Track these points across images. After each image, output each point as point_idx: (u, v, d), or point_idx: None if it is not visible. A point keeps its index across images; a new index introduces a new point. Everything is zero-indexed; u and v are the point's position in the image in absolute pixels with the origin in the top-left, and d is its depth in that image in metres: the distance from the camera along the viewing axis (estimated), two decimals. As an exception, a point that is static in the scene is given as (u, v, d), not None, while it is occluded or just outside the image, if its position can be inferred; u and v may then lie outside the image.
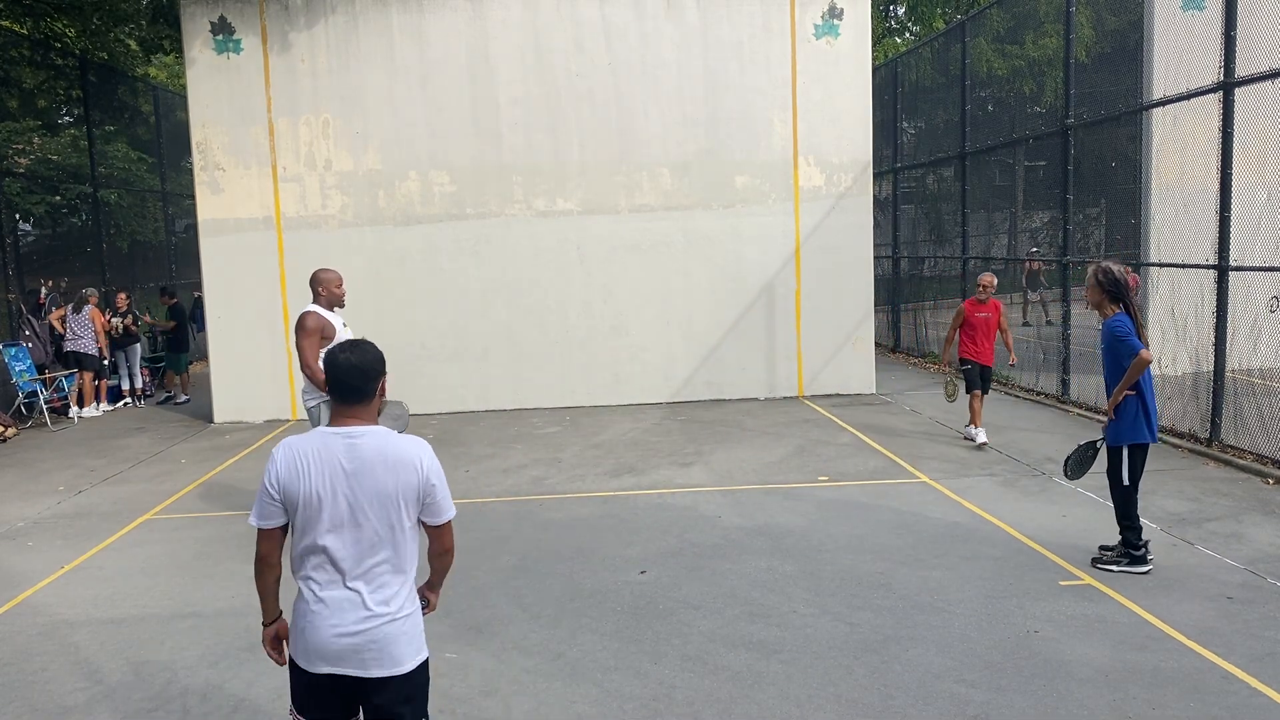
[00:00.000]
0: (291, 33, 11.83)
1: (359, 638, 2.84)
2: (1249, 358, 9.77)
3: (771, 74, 12.16)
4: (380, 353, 3.00)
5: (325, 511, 2.84)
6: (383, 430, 2.93)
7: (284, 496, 2.87)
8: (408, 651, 2.91)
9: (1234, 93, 8.47)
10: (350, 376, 2.91)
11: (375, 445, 2.88)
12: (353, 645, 2.84)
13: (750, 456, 9.25)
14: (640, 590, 5.81)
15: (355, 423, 2.91)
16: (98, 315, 13.09)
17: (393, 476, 2.86)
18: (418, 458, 2.92)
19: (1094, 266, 5.92)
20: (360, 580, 2.86)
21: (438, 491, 2.97)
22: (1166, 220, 11.01)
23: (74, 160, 16.98)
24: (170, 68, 23.71)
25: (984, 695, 4.37)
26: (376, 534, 2.87)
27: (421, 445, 2.97)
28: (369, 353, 2.96)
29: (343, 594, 2.86)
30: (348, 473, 2.84)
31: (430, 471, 2.94)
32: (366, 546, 2.86)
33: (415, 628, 2.96)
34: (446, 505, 3.04)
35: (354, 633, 2.84)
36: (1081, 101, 11.42)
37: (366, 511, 2.85)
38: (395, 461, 2.88)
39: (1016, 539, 6.52)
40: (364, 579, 2.87)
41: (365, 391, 2.93)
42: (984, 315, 9.39)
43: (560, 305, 12.32)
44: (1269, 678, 4.44)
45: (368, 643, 2.84)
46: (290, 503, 2.86)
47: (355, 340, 2.99)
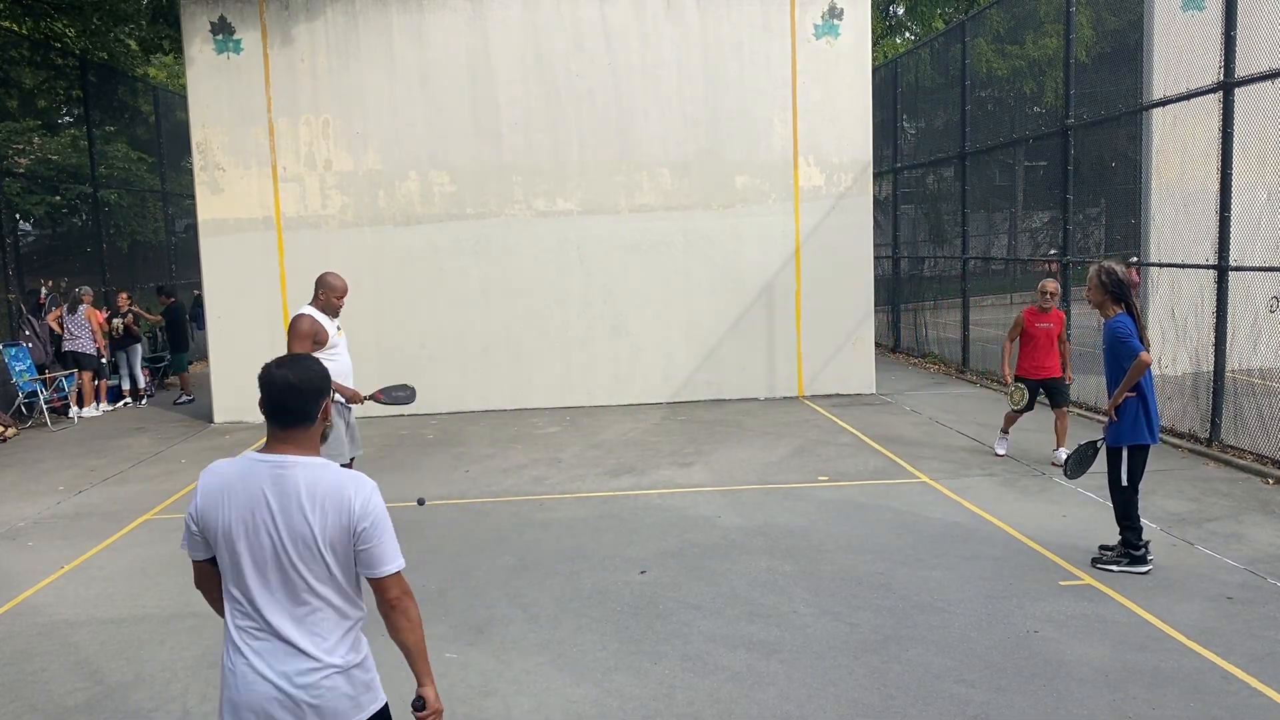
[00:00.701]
0: (291, 32, 11.84)
1: (292, 693, 2.45)
2: (1249, 358, 9.77)
3: (771, 74, 12.16)
4: (324, 371, 2.63)
5: (246, 551, 2.47)
6: (319, 462, 2.53)
7: (203, 529, 2.52)
8: (349, 709, 2.52)
9: (1234, 93, 8.47)
10: (286, 396, 2.52)
11: (306, 478, 2.48)
12: (283, 702, 2.45)
13: (750, 456, 9.25)
14: (640, 590, 5.81)
15: (289, 449, 2.52)
16: (93, 314, 13.08)
17: (318, 517, 2.46)
18: (352, 496, 2.49)
19: (1096, 266, 5.92)
20: (291, 627, 2.48)
21: (373, 537, 2.51)
22: (1166, 220, 11.01)
23: (74, 160, 16.98)
24: (170, 68, 23.71)
25: (984, 695, 4.36)
26: (304, 580, 2.47)
27: (360, 482, 2.54)
28: (310, 369, 2.59)
29: (278, 645, 2.47)
30: (272, 508, 2.46)
31: (364, 515, 2.49)
32: (295, 592, 2.48)
33: (361, 680, 2.57)
34: (388, 555, 2.55)
35: (286, 688, 2.45)
36: (1081, 101, 11.42)
37: (290, 553, 2.45)
38: (324, 497, 2.47)
39: (1016, 539, 6.52)
40: (295, 626, 2.48)
41: (304, 414, 2.53)
42: (1045, 326, 8.48)
43: (560, 305, 12.32)
44: (1269, 678, 4.44)
45: (303, 700, 2.45)
46: (210, 536, 2.51)
47: (294, 355, 2.63)
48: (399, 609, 2.57)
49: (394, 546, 2.58)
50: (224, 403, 12.13)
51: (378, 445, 10.23)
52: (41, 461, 10.17)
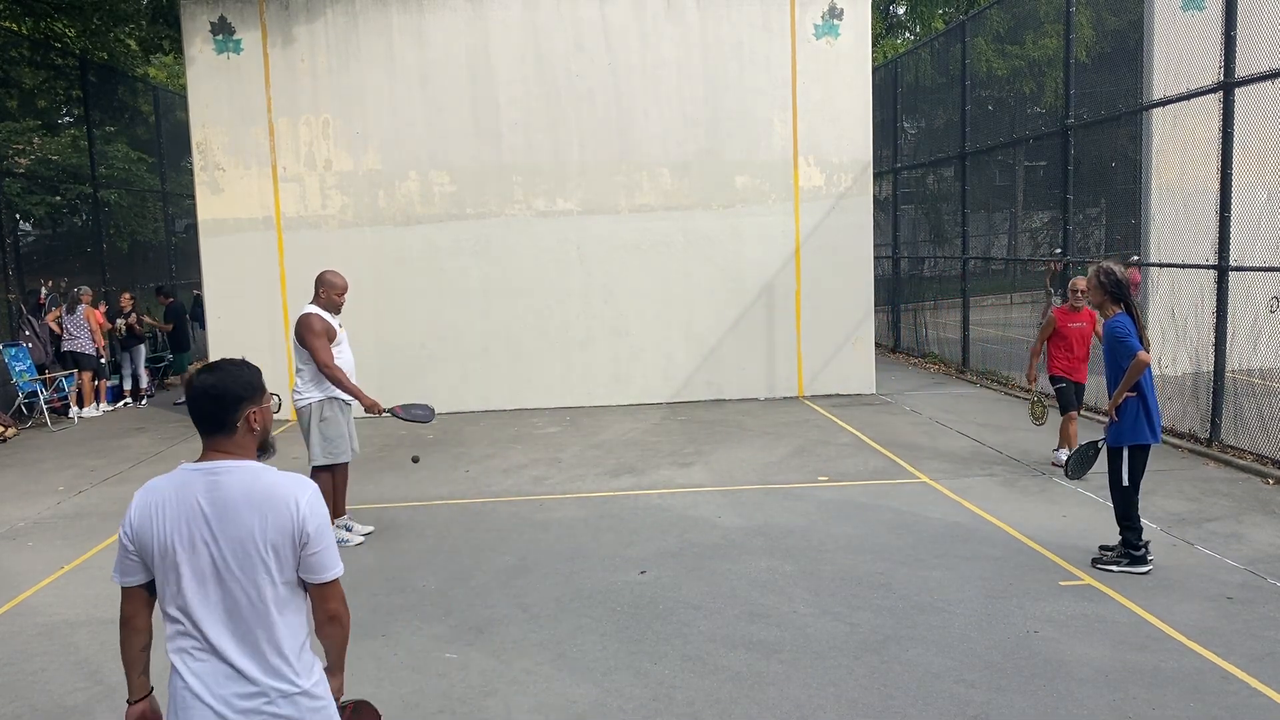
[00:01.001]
0: (291, 32, 11.83)
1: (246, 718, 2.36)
2: (1249, 358, 9.76)
3: (771, 74, 12.16)
4: (250, 376, 2.50)
5: (184, 565, 2.37)
6: (255, 466, 2.44)
7: (139, 548, 2.41)
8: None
9: (1234, 93, 8.47)
10: (203, 402, 2.42)
11: (242, 482, 2.39)
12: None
13: (750, 456, 9.25)
14: (640, 590, 5.81)
15: (221, 456, 2.43)
16: (91, 314, 13.08)
17: (258, 519, 2.36)
18: (293, 497, 2.40)
19: (1095, 267, 5.92)
20: (237, 649, 2.37)
21: (316, 542, 2.42)
22: (1166, 220, 11.01)
23: (74, 160, 16.98)
24: (170, 68, 23.71)
25: (984, 695, 4.36)
26: (246, 592, 2.37)
27: (301, 484, 2.45)
28: (229, 375, 2.46)
29: (218, 666, 2.38)
30: (208, 517, 2.36)
31: (309, 516, 2.41)
32: (238, 607, 2.37)
33: (310, 707, 2.43)
34: (329, 561, 2.45)
35: (226, 714, 2.35)
36: (1081, 101, 11.42)
37: (230, 564, 2.36)
38: (263, 500, 2.37)
39: (1016, 539, 6.52)
40: (237, 645, 2.38)
41: (221, 421, 2.42)
42: (1078, 325, 8.16)
43: (560, 305, 12.32)
44: (1269, 678, 4.44)
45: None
46: (146, 555, 2.40)
47: (225, 361, 2.52)
48: (336, 619, 2.50)
49: (336, 553, 2.48)
50: (224, 403, 12.10)
51: (377, 445, 10.23)
52: (41, 461, 10.17)
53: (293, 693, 2.40)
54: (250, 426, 2.46)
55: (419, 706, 4.45)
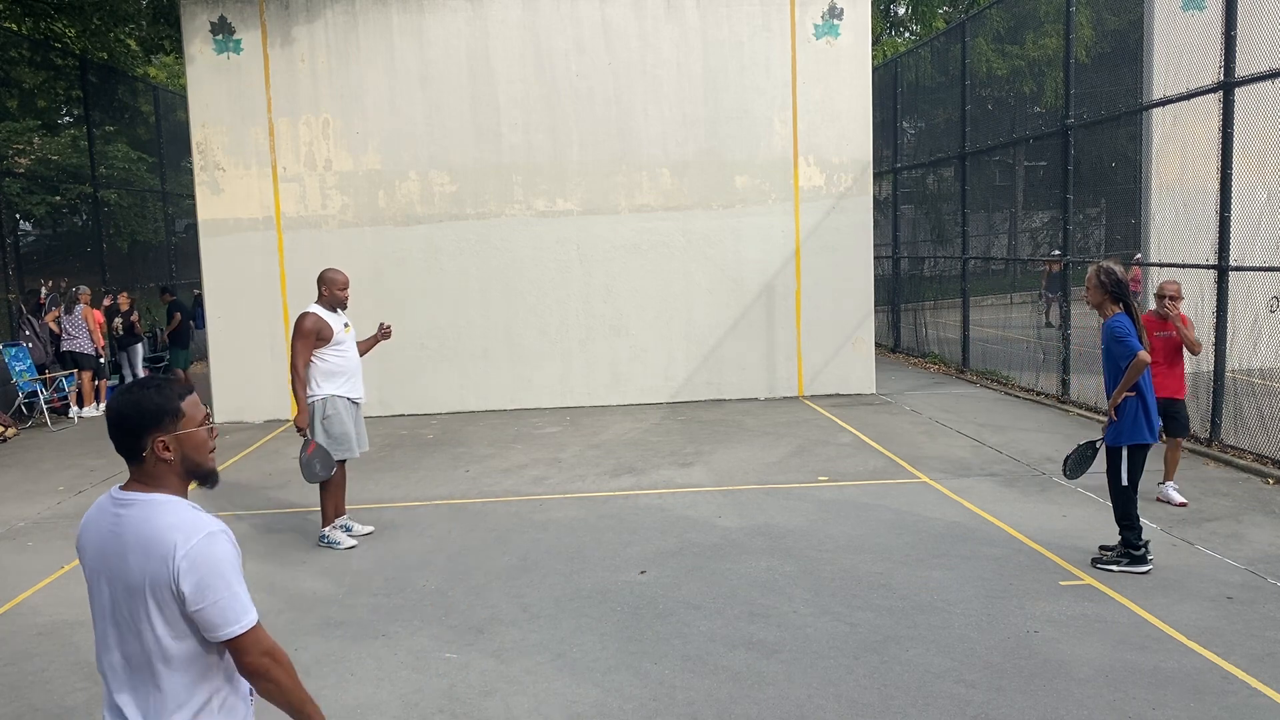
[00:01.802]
0: (291, 32, 11.84)
1: None
2: (1249, 358, 9.76)
3: (771, 74, 12.16)
4: (160, 400, 2.24)
5: (96, 599, 2.25)
6: (160, 500, 2.21)
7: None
8: None
9: (1234, 93, 8.47)
10: (109, 427, 2.25)
11: (136, 520, 2.18)
12: None
13: (750, 456, 9.25)
14: (640, 590, 5.81)
15: (136, 486, 2.24)
16: (90, 314, 13.08)
17: (140, 564, 2.15)
18: (172, 545, 2.12)
19: (1095, 267, 5.92)
20: (129, 699, 2.21)
21: (202, 597, 2.13)
22: (1166, 220, 11.01)
23: (74, 160, 16.98)
24: (170, 68, 23.71)
25: (984, 695, 4.36)
26: (135, 640, 2.18)
27: (190, 528, 2.16)
28: (134, 399, 2.24)
29: (113, 710, 2.24)
30: (107, 554, 2.21)
31: (186, 570, 2.12)
32: (130, 654, 2.20)
33: None
34: (226, 614, 2.16)
35: None
36: (1081, 101, 11.42)
37: (123, 608, 2.18)
38: (146, 545, 2.15)
39: (1016, 539, 6.52)
40: (132, 697, 2.22)
41: (126, 450, 2.24)
42: (1165, 335, 7.07)
43: (560, 305, 12.32)
44: (1269, 678, 4.44)
45: None
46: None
47: (144, 381, 2.30)
48: (261, 674, 2.23)
49: (237, 603, 2.17)
50: (224, 403, 12.13)
51: (377, 445, 10.23)
52: (41, 461, 10.17)
53: None
54: (159, 456, 2.22)
55: (419, 706, 4.45)
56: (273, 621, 5.48)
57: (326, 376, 6.68)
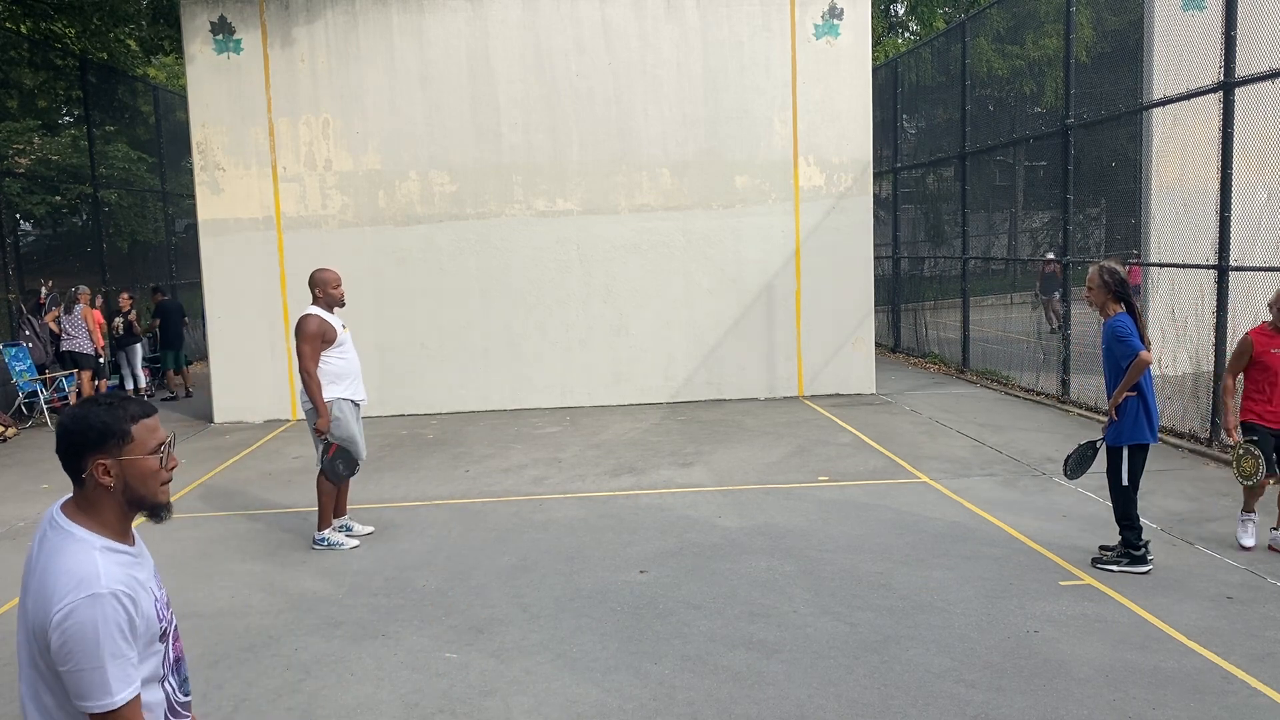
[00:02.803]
0: (291, 32, 11.84)
1: None
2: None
3: (771, 74, 12.16)
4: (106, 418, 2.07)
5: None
6: (77, 537, 2.02)
7: None
8: None
9: (1234, 93, 8.47)
10: (56, 442, 2.11)
11: (48, 552, 2.01)
12: None
13: (750, 456, 9.25)
14: (640, 590, 5.81)
15: (71, 510, 2.07)
16: (89, 313, 13.08)
17: (32, 605, 1.98)
18: (57, 599, 1.94)
19: (1096, 266, 5.90)
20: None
21: (66, 659, 1.93)
22: (1166, 220, 11.01)
23: (74, 160, 16.99)
24: (170, 68, 23.72)
25: (984, 695, 4.36)
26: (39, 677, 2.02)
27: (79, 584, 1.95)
28: (80, 416, 2.08)
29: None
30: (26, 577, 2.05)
31: (59, 626, 1.92)
32: (32, 693, 2.03)
33: None
34: (84, 688, 1.95)
35: None
36: (1081, 101, 11.42)
37: (21, 640, 2.03)
38: (40, 584, 1.97)
39: (1016, 539, 6.52)
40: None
41: (68, 469, 2.07)
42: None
43: (560, 305, 12.32)
44: (1269, 678, 4.44)
45: None
46: None
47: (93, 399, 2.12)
48: None
49: (96, 681, 1.94)
50: (224, 403, 12.13)
51: (378, 445, 10.23)
52: (41, 461, 10.17)
53: None
54: (98, 480, 2.05)
55: (419, 706, 4.45)
56: (273, 622, 5.48)
57: (330, 379, 6.66)
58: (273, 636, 5.26)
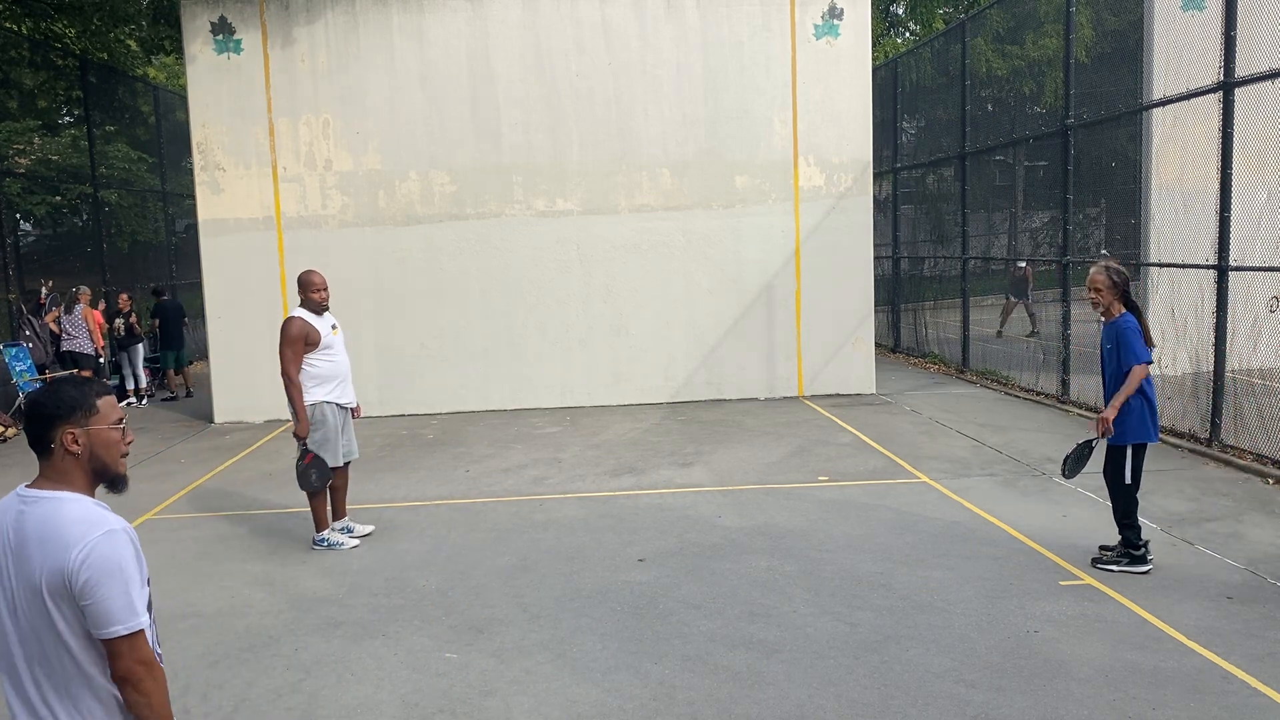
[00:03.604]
0: (292, 32, 11.84)
1: None
2: (1249, 358, 9.76)
3: (771, 74, 12.16)
4: (73, 393, 2.29)
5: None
6: (63, 498, 2.23)
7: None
8: None
9: (1234, 93, 8.47)
10: (25, 420, 2.32)
11: (40, 515, 2.19)
12: None
13: (750, 456, 9.25)
14: (640, 590, 5.81)
15: (43, 483, 2.27)
16: (89, 314, 13.07)
17: (40, 559, 2.15)
18: (74, 540, 2.14)
19: (1100, 266, 5.86)
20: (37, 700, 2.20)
21: (92, 592, 2.12)
22: (1166, 220, 11.01)
23: (74, 160, 16.99)
24: (170, 68, 23.73)
25: (984, 695, 4.36)
26: (38, 638, 2.17)
27: (91, 523, 2.18)
28: (48, 392, 2.30)
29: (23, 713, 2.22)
30: (10, 548, 2.20)
31: (83, 563, 2.12)
32: (27, 652, 2.19)
33: None
34: (112, 613, 2.14)
35: None
36: (1081, 101, 11.42)
37: (22, 603, 2.17)
38: (48, 539, 2.15)
39: (1016, 539, 6.52)
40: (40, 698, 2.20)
41: (36, 441, 2.28)
42: None
43: (560, 305, 12.32)
44: (1269, 678, 4.44)
45: None
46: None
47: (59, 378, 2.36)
48: (130, 682, 2.19)
49: (124, 605, 2.15)
50: (224, 403, 12.13)
51: (378, 445, 10.23)
52: (41, 461, 10.16)
53: None
54: (67, 449, 2.26)
55: (419, 706, 4.45)
56: (273, 622, 5.48)
57: (315, 382, 6.63)
58: (273, 636, 5.26)
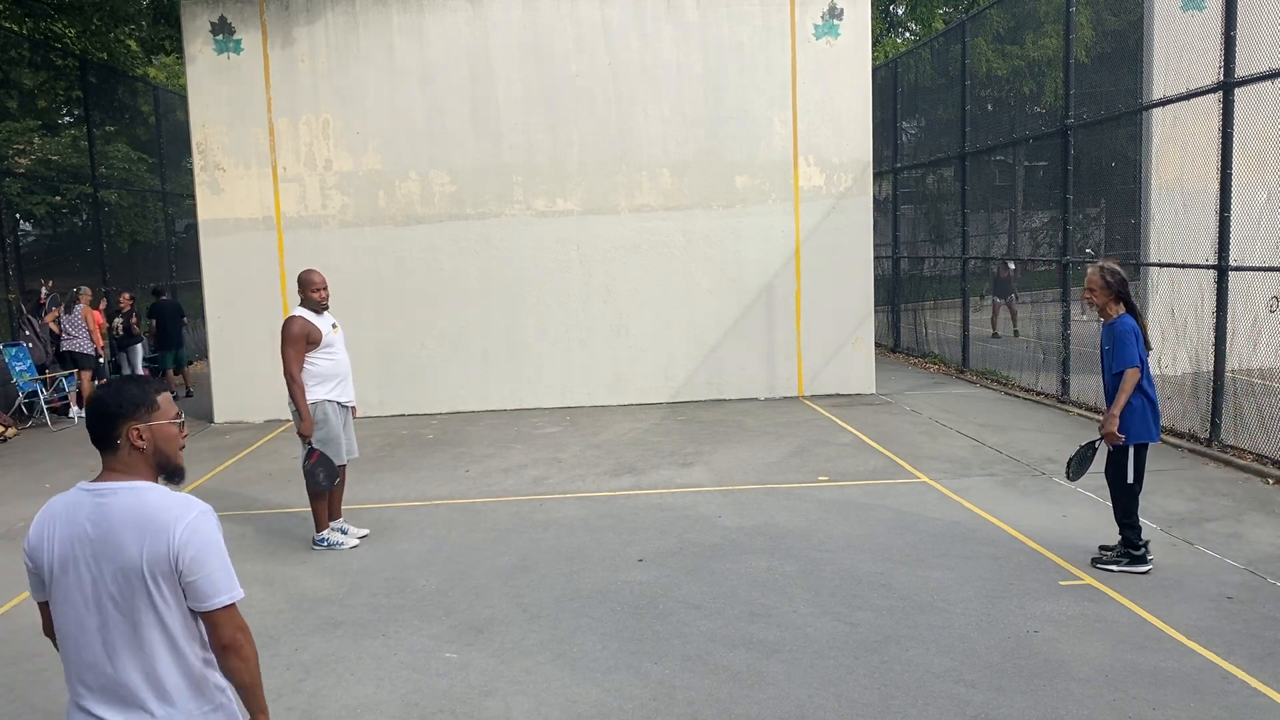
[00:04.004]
0: (292, 32, 11.84)
1: None
2: (1249, 358, 9.77)
3: (772, 74, 12.16)
4: (135, 392, 2.42)
5: (72, 589, 2.31)
6: (142, 487, 2.35)
7: (36, 567, 2.39)
8: None
9: (1234, 93, 8.47)
10: (88, 418, 2.41)
11: (124, 504, 2.30)
12: None
13: (750, 456, 9.25)
14: (640, 590, 5.81)
15: (112, 476, 2.37)
16: (89, 313, 13.07)
17: (138, 543, 2.26)
18: (173, 521, 2.28)
19: (1097, 267, 5.88)
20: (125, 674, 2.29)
21: (199, 568, 2.29)
22: (1166, 220, 11.01)
23: (74, 160, 16.99)
24: (170, 68, 23.73)
25: (984, 695, 4.37)
26: (132, 620, 2.28)
27: (185, 506, 2.33)
28: (112, 391, 2.42)
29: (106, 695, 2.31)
30: (91, 540, 2.29)
31: (188, 542, 2.28)
32: (124, 634, 2.29)
33: None
34: (218, 585, 2.33)
35: None
36: (1081, 101, 11.42)
37: (112, 590, 2.27)
38: (143, 524, 2.28)
39: (1016, 539, 6.52)
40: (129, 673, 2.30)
41: (103, 438, 2.38)
42: None
43: (560, 305, 12.32)
44: (1269, 678, 4.44)
45: None
46: (43, 575, 2.38)
47: (123, 377, 2.51)
48: (233, 649, 2.36)
49: (226, 577, 2.35)
50: (224, 403, 12.13)
51: (377, 445, 10.23)
52: (41, 461, 10.17)
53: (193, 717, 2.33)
54: (133, 444, 2.38)
55: (419, 706, 4.45)
56: (273, 622, 5.48)
57: (316, 381, 6.64)
58: (273, 636, 5.26)
